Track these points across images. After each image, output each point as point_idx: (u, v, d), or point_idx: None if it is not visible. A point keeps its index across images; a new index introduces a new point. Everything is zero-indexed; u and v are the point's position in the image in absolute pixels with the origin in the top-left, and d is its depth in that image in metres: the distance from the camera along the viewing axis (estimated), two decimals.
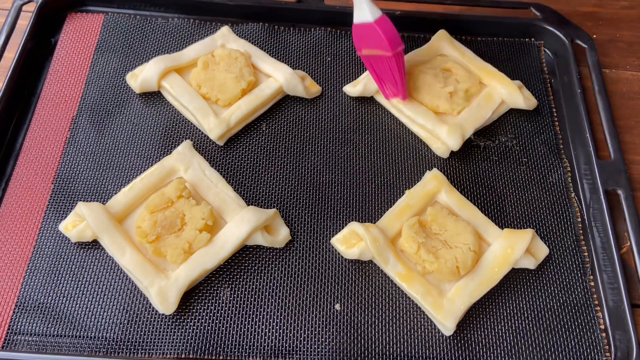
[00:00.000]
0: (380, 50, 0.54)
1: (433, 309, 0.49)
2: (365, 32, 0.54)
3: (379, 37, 0.53)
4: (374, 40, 0.54)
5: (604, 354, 0.50)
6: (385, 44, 0.53)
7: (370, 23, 0.52)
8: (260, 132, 0.60)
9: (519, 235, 0.52)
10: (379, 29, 0.52)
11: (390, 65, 0.55)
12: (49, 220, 0.53)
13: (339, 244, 0.53)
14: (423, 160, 0.59)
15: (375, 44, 0.54)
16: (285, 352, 0.48)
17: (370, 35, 0.53)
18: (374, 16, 0.52)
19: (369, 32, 0.53)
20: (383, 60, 0.55)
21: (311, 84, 0.62)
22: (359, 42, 0.56)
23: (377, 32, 0.52)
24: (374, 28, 0.52)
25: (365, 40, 0.55)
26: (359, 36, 0.55)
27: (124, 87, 0.61)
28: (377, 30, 0.52)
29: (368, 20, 0.53)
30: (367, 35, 0.54)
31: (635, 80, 0.68)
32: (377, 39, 0.53)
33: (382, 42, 0.53)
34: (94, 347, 0.47)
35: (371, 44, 0.54)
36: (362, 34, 0.55)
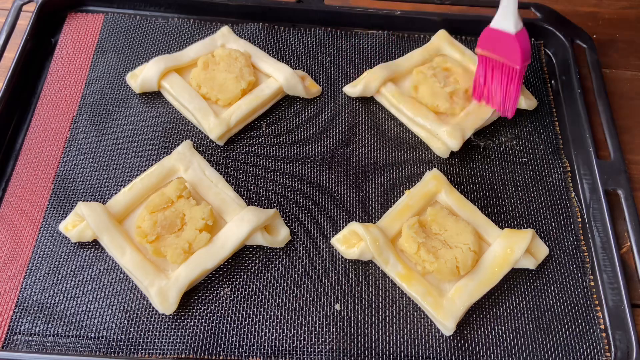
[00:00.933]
0: (509, 60, 0.54)
1: (433, 309, 0.49)
2: (499, 39, 0.53)
3: (514, 49, 0.52)
4: (506, 50, 0.53)
5: (604, 354, 0.50)
6: (517, 57, 0.53)
7: (511, 34, 0.52)
8: (260, 132, 0.60)
9: (519, 235, 0.52)
10: (518, 43, 0.52)
11: (512, 77, 0.55)
12: (49, 220, 0.53)
13: (339, 244, 0.53)
14: (423, 160, 0.59)
15: (505, 52, 0.54)
16: (285, 352, 0.48)
17: (504, 44, 0.53)
18: (516, 28, 0.52)
19: (505, 40, 0.53)
20: (503, 68, 0.55)
21: (311, 84, 0.62)
22: (486, 43, 0.55)
23: (514, 45, 0.52)
24: (513, 40, 0.52)
25: (495, 45, 0.54)
26: (489, 39, 0.54)
27: (124, 87, 0.61)
28: (515, 43, 0.52)
29: (509, 31, 0.52)
30: (501, 42, 0.53)
31: (635, 80, 0.68)
32: (511, 49, 0.53)
33: (515, 54, 0.53)
34: (94, 347, 0.47)
35: (500, 51, 0.54)
36: (494, 39, 0.54)
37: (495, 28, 0.53)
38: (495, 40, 0.54)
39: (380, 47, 0.67)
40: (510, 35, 0.52)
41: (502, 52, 0.54)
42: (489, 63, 0.56)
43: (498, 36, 0.53)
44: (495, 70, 0.56)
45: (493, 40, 0.54)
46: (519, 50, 0.52)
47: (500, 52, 0.54)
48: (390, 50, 0.66)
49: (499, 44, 0.53)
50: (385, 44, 0.67)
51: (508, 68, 0.55)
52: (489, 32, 0.54)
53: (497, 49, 0.54)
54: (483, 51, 0.56)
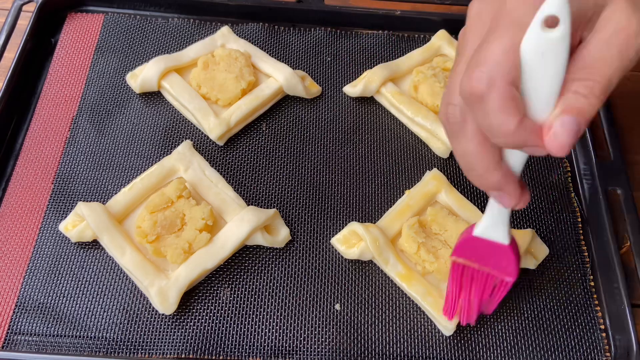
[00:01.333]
0: (500, 272, 0.44)
1: (433, 309, 0.49)
2: (485, 248, 0.44)
3: (507, 261, 0.44)
4: (496, 260, 0.44)
5: (604, 354, 0.50)
6: (512, 269, 0.44)
7: (505, 245, 0.43)
8: (260, 132, 0.60)
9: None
10: (513, 255, 0.43)
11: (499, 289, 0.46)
12: (49, 220, 0.53)
13: (339, 244, 0.53)
14: (423, 160, 0.59)
15: (494, 263, 0.44)
16: (285, 352, 0.48)
17: (493, 254, 0.44)
18: (509, 238, 0.43)
19: (494, 251, 0.44)
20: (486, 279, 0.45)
21: (311, 84, 0.62)
22: (467, 252, 0.45)
23: (509, 256, 0.43)
24: (506, 251, 0.43)
25: (480, 255, 0.45)
26: (473, 248, 0.44)
27: (124, 87, 0.61)
28: (510, 254, 0.43)
29: (502, 242, 0.43)
30: (488, 252, 0.44)
31: (635, 80, 0.68)
32: (503, 261, 0.44)
33: (510, 266, 0.44)
34: (94, 347, 0.47)
35: (488, 261, 0.45)
36: (479, 248, 0.44)
37: (481, 237, 0.43)
38: (480, 249, 0.44)
39: (380, 47, 0.67)
40: (503, 246, 0.43)
41: (492, 263, 0.45)
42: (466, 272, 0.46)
43: (484, 245, 0.44)
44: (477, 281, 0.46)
45: (477, 249, 0.44)
46: (514, 262, 0.43)
47: (488, 263, 0.45)
48: (390, 50, 0.66)
49: (487, 254, 0.44)
50: (385, 44, 0.67)
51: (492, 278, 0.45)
52: (471, 241, 0.44)
53: (486, 259, 0.45)
54: (460, 259, 0.45)
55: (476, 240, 0.44)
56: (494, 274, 0.45)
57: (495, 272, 0.45)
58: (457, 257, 0.45)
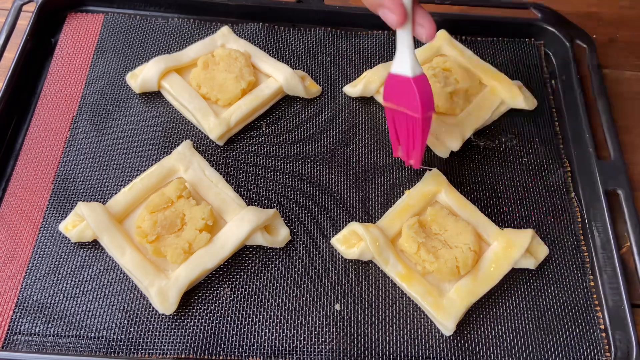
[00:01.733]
0: (409, 109, 0.48)
1: (433, 309, 0.49)
2: (399, 85, 0.48)
3: (412, 96, 0.47)
4: (406, 97, 0.48)
5: (604, 354, 0.50)
6: (416, 105, 0.47)
7: (408, 78, 0.47)
8: (260, 132, 0.60)
9: (519, 235, 0.52)
10: (416, 88, 0.47)
11: (415, 128, 0.49)
12: (49, 220, 0.53)
13: (339, 244, 0.53)
14: (423, 160, 0.59)
15: (406, 101, 0.48)
16: (285, 352, 0.48)
17: (404, 91, 0.48)
18: (414, 72, 0.47)
19: (404, 86, 0.48)
20: (408, 119, 0.50)
21: (311, 84, 0.62)
22: (390, 92, 0.50)
23: (412, 90, 0.47)
24: (410, 85, 0.47)
25: (397, 94, 0.49)
26: (392, 87, 0.49)
27: (124, 87, 0.61)
28: (412, 87, 0.47)
29: (406, 74, 0.47)
30: (401, 89, 0.48)
31: (635, 80, 0.68)
32: (410, 96, 0.48)
33: (414, 101, 0.47)
34: (94, 347, 0.47)
35: (402, 100, 0.49)
36: (395, 86, 0.49)
37: (394, 73, 0.48)
38: (396, 88, 0.48)
39: (380, 47, 0.67)
40: (407, 79, 0.47)
41: (404, 101, 0.48)
42: (394, 115, 0.50)
43: (398, 83, 0.48)
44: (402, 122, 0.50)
45: (394, 88, 0.49)
46: (418, 96, 0.46)
47: (402, 102, 0.48)
48: (390, 50, 0.66)
49: (401, 92, 0.48)
50: (385, 44, 0.67)
51: (412, 119, 0.49)
52: (390, 80, 0.49)
53: (401, 98, 0.48)
54: (387, 103, 0.50)
55: (392, 78, 0.48)
56: (406, 111, 0.48)
57: (407, 109, 0.48)
58: (386, 102, 0.50)
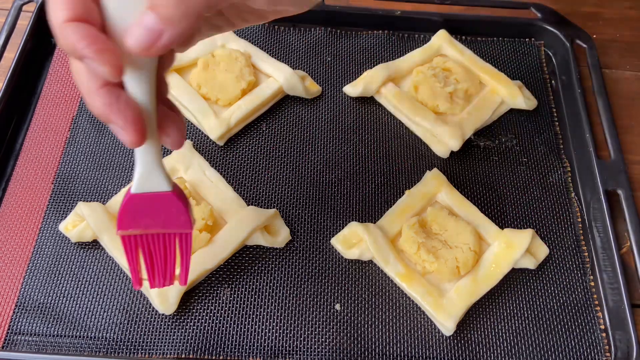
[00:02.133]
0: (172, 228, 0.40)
1: (433, 309, 0.49)
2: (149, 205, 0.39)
3: (176, 209, 0.39)
4: (165, 214, 0.40)
5: (604, 354, 0.50)
6: (185, 219, 0.40)
7: (167, 193, 0.39)
8: (260, 132, 0.60)
9: (519, 235, 0.52)
10: (180, 200, 0.39)
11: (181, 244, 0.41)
12: (49, 220, 0.53)
13: (339, 244, 0.53)
14: (423, 160, 0.59)
15: (164, 219, 0.40)
16: (285, 352, 0.48)
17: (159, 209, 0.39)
18: (170, 184, 0.39)
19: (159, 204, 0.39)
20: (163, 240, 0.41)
21: (311, 84, 0.62)
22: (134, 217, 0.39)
23: (175, 203, 0.39)
24: (171, 199, 0.39)
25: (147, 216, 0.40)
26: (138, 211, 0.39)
27: None
28: (176, 201, 0.39)
29: (163, 189, 0.38)
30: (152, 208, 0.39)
31: (635, 80, 0.68)
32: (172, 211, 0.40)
33: (182, 216, 0.40)
34: (94, 347, 0.47)
35: (157, 220, 0.40)
36: (142, 207, 0.39)
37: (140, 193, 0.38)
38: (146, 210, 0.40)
39: (380, 47, 0.67)
40: (167, 194, 0.39)
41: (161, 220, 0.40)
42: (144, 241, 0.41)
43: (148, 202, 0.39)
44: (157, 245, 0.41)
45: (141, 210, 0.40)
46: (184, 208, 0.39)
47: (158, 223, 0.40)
48: (390, 50, 0.66)
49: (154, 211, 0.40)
50: (385, 44, 0.67)
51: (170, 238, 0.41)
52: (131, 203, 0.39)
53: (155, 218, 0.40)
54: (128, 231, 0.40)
55: (138, 198, 0.39)
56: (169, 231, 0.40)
57: (170, 229, 0.40)
58: (123, 231, 0.40)
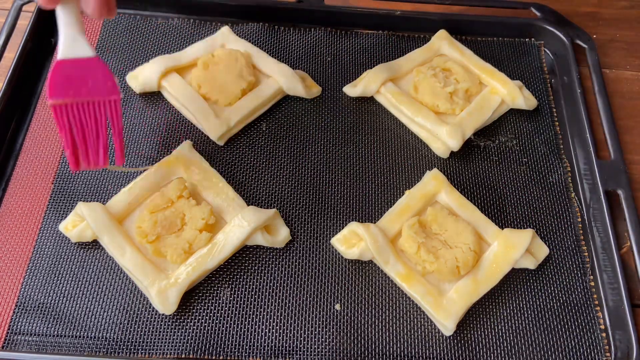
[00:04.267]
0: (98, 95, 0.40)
1: (433, 309, 0.49)
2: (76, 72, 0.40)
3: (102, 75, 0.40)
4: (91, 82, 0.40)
5: (604, 354, 0.50)
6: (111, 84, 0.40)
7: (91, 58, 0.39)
8: (260, 132, 0.60)
9: (519, 235, 0.52)
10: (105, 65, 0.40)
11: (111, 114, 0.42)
12: (49, 220, 0.53)
13: (339, 244, 0.53)
14: (423, 160, 0.59)
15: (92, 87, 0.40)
16: (285, 352, 0.48)
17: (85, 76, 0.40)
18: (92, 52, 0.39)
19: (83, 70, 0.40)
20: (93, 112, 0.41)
21: (311, 84, 0.62)
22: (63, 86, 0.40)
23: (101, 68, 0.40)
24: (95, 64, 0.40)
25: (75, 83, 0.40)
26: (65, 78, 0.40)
27: (124, 87, 0.61)
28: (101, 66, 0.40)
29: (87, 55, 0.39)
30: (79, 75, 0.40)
31: (635, 80, 0.68)
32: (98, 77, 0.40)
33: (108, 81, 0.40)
34: (94, 347, 0.47)
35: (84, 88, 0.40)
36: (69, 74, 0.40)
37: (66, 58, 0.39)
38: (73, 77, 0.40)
39: (380, 47, 0.67)
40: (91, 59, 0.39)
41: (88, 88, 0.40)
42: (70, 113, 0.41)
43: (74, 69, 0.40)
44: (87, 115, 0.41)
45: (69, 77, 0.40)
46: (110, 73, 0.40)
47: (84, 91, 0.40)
48: (390, 50, 0.66)
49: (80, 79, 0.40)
50: (385, 44, 0.67)
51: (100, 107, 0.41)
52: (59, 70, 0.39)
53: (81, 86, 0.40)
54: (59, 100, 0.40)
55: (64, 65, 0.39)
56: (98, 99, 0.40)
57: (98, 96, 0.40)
58: (55, 99, 0.40)
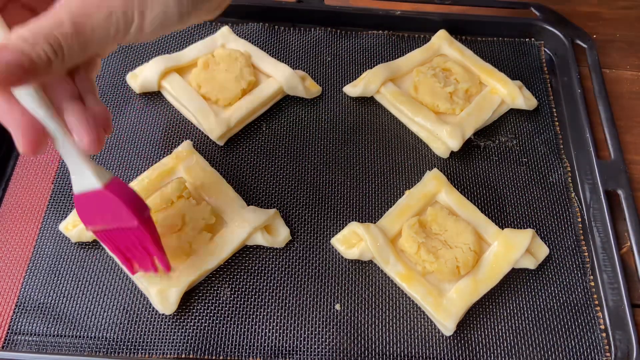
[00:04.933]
0: (121, 223, 0.40)
1: (433, 309, 0.49)
2: (94, 204, 0.40)
3: (115, 206, 0.39)
4: (110, 211, 0.40)
5: (604, 354, 0.50)
6: (126, 213, 0.39)
7: (99, 190, 0.39)
8: (260, 132, 0.60)
9: (519, 235, 0.52)
10: (114, 195, 0.39)
11: (140, 236, 0.42)
12: (49, 220, 0.53)
13: (339, 244, 0.53)
14: (423, 160, 0.59)
15: (112, 216, 0.40)
16: (285, 352, 0.48)
17: (103, 206, 0.40)
18: (101, 180, 0.38)
19: (100, 202, 0.39)
20: (128, 233, 0.42)
21: (311, 84, 0.62)
22: (90, 216, 0.41)
23: (111, 200, 0.39)
24: (105, 195, 0.39)
25: (99, 213, 0.40)
26: (88, 209, 0.40)
27: (124, 87, 0.61)
28: (110, 196, 0.39)
29: (94, 187, 0.38)
30: (98, 206, 0.40)
31: (635, 80, 0.68)
32: (113, 208, 0.40)
33: (121, 210, 0.39)
34: (94, 347, 0.47)
35: (107, 217, 0.40)
36: (90, 206, 0.40)
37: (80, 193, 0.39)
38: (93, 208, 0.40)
39: (380, 47, 0.67)
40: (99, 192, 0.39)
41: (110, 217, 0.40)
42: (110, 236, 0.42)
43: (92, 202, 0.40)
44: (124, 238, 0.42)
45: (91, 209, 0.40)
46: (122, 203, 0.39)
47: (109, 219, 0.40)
48: (390, 50, 0.66)
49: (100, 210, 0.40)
50: (385, 44, 0.67)
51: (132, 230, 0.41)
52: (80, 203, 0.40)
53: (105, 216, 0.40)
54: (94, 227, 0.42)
55: (81, 199, 0.40)
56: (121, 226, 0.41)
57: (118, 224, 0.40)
58: (90, 227, 0.42)
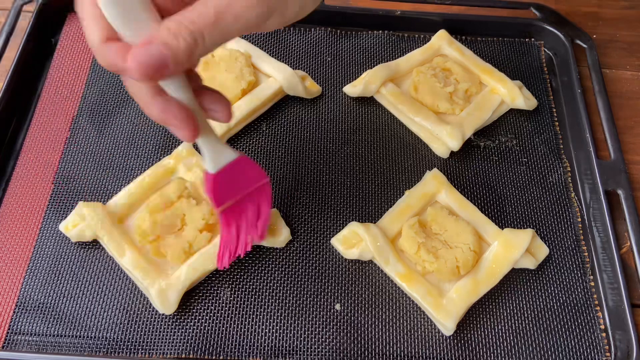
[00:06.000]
0: (254, 183, 0.46)
1: (433, 309, 0.49)
2: (228, 176, 0.44)
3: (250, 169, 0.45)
4: (243, 177, 0.45)
5: (604, 354, 0.50)
6: (258, 172, 0.46)
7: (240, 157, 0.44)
8: (260, 132, 0.60)
9: (519, 235, 0.52)
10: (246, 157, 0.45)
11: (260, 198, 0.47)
12: (49, 220, 0.53)
13: (339, 244, 0.53)
14: (423, 160, 0.59)
15: (245, 181, 0.46)
16: (285, 352, 0.48)
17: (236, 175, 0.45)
18: (236, 152, 0.44)
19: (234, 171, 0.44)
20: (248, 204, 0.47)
21: (311, 84, 0.62)
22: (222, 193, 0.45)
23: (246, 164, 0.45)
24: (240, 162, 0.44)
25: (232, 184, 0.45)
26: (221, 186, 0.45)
27: (124, 87, 0.61)
28: (246, 160, 0.45)
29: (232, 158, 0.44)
30: (232, 177, 0.45)
31: (635, 80, 0.68)
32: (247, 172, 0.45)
33: (254, 170, 0.46)
34: (94, 347, 0.47)
35: (240, 185, 0.46)
36: (224, 182, 0.45)
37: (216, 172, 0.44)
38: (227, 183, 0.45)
39: (380, 47, 0.67)
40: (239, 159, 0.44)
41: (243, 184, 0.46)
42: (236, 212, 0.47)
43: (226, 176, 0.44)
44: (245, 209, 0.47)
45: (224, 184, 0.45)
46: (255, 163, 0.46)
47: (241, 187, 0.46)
48: (390, 50, 0.66)
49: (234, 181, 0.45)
50: (385, 44, 0.67)
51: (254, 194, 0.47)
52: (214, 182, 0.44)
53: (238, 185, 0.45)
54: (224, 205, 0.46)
55: (218, 176, 0.44)
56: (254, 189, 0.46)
57: (254, 185, 0.46)
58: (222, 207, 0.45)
